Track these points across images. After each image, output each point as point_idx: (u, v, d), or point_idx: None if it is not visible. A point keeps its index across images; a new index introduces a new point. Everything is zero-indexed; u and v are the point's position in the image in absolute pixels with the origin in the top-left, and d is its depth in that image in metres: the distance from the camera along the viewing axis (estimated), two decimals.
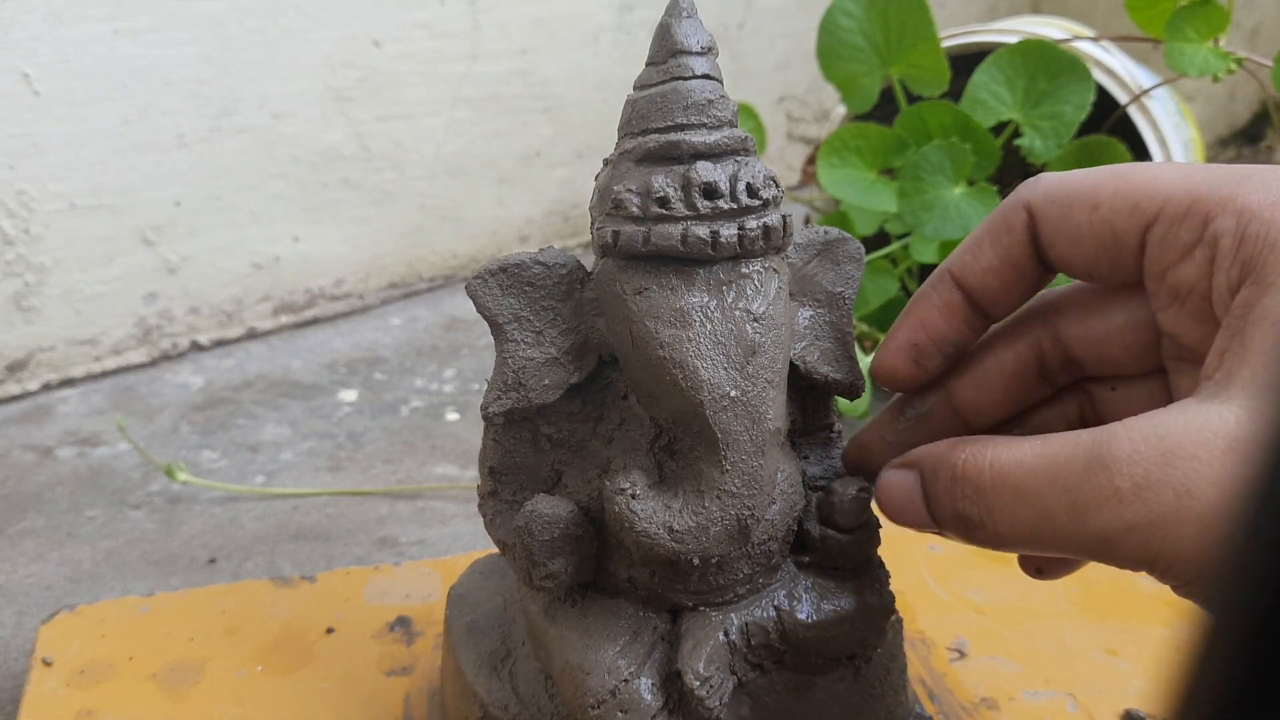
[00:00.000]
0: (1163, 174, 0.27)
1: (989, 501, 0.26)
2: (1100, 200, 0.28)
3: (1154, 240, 0.27)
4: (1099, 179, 0.28)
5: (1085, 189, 0.28)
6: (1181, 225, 0.26)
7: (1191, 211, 0.26)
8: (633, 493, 0.29)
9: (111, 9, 0.69)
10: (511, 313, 0.31)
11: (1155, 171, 0.27)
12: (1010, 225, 0.29)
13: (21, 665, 0.47)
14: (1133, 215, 0.27)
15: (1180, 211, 0.26)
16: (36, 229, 0.71)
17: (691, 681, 0.29)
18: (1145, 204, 0.27)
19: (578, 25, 0.90)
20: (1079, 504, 0.24)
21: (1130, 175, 0.27)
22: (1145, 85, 0.66)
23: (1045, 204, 0.29)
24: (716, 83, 0.30)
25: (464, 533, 0.57)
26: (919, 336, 0.31)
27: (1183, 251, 0.26)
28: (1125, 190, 0.27)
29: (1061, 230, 0.28)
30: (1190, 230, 0.26)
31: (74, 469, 0.64)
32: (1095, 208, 0.28)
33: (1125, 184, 0.27)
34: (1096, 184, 0.28)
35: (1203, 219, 0.26)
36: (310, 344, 0.82)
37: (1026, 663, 0.42)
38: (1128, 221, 0.27)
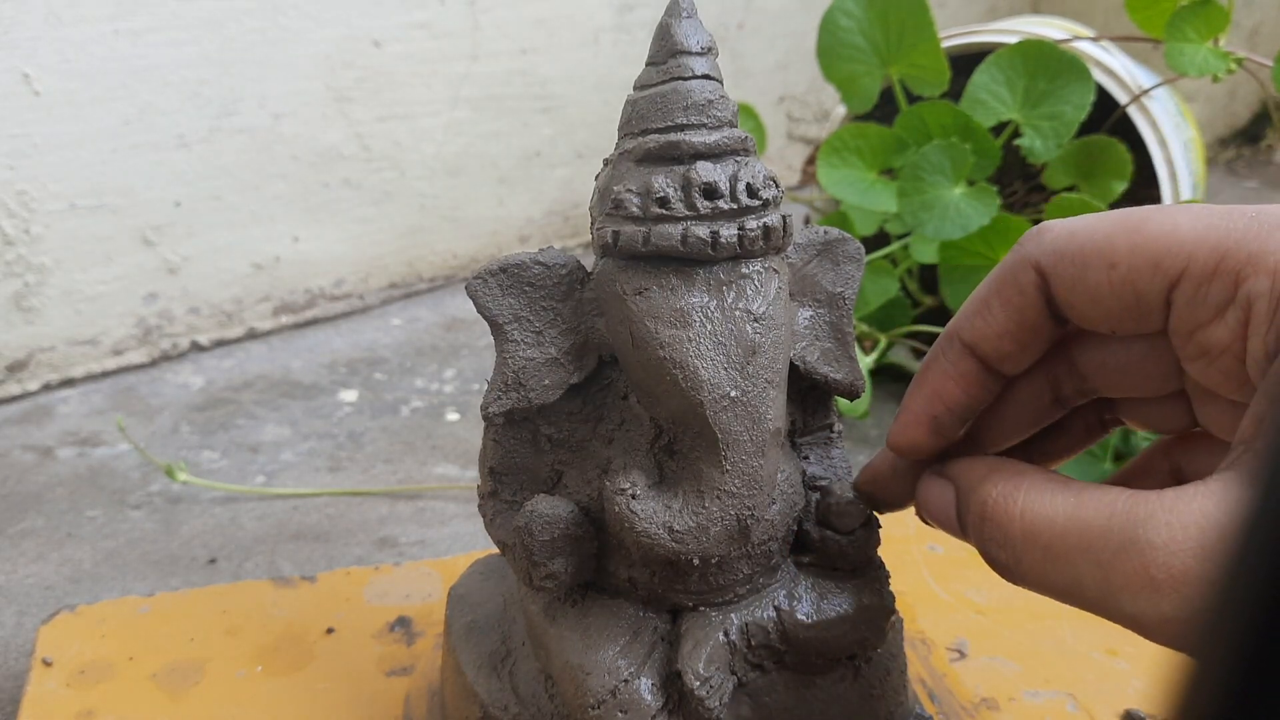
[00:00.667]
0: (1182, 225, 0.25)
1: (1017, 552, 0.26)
2: (1117, 259, 0.26)
3: (1181, 300, 0.26)
4: (1112, 234, 0.26)
5: (1098, 246, 0.26)
6: (1211, 285, 0.25)
7: (1220, 270, 0.25)
8: (633, 493, 0.29)
9: (111, 9, 0.69)
10: (511, 313, 0.31)
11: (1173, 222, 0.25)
12: (1020, 286, 0.28)
13: (21, 665, 0.47)
14: (1155, 274, 0.25)
15: (1207, 270, 0.25)
16: (37, 229, 0.71)
17: (691, 681, 0.29)
18: (1167, 261, 0.25)
19: (578, 25, 0.90)
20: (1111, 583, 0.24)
21: (1146, 228, 0.26)
22: (1145, 85, 0.66)
23: (1057, 262, 0.27)
24: (716, 83, 0.30)
25: (464, 533, 0.57)
26: (936, 408, 0.30)
27: (1214, 312, 0.25)
28: (1143, 246, 0.26)
29: (1078, 291, 0.27)
30: (1221, 290, 0.25)
31: (74, 469, 0.64)
32: (1113, 266, 0.26)
33: (1142, 239, 0.26)
34: (1110, 239, 0.26)
35: (1233, 278, 0.24)
36: (310, 344, 0.82)
37: (1026, 663, 0.42)
38: (1150, 281, 0.26)
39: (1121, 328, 0.28)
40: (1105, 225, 0.27)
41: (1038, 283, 0.28)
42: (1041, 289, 0.28)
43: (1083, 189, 0.65)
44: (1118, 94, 0.66)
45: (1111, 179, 0.63)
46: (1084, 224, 0.27)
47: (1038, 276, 0.28)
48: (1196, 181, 0.69)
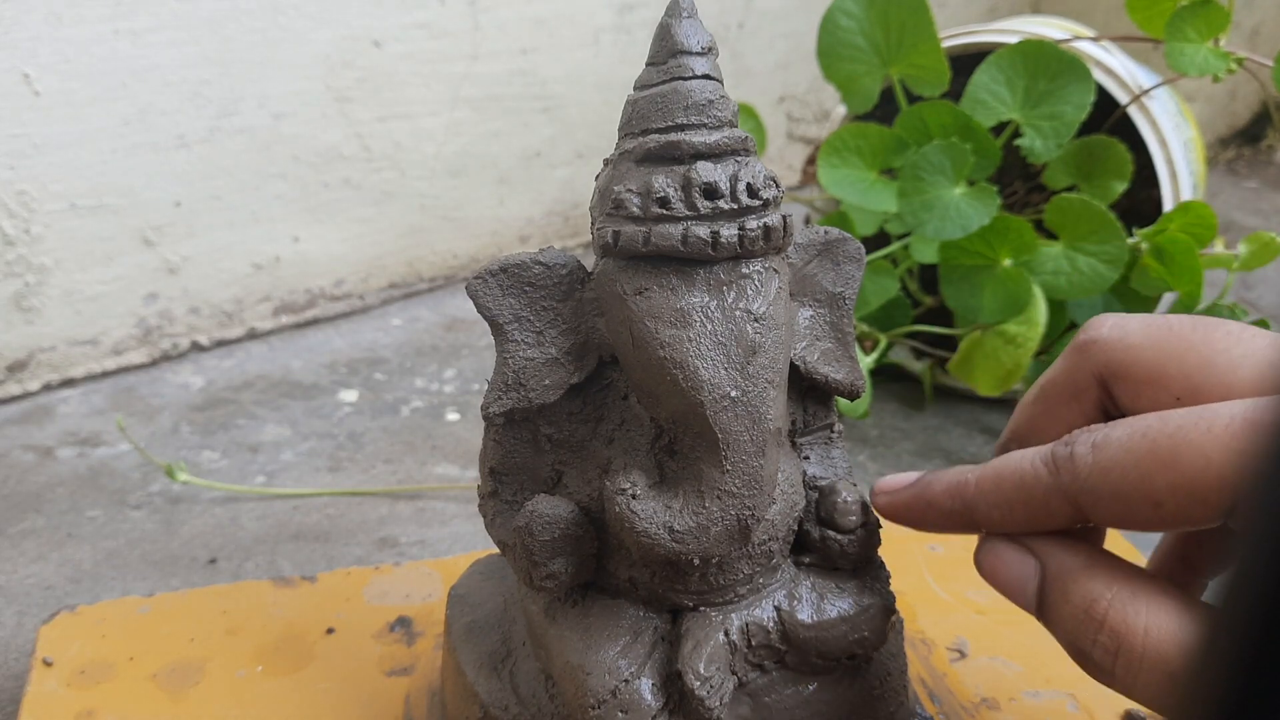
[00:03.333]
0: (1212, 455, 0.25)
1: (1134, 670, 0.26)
2: (1160, 499, 0.26)
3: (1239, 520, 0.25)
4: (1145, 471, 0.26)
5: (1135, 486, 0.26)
6: None
7: None
8: (633, 493, 0.29)
9: (111, 9, 0.69)
10: (512, 313, 0.31)
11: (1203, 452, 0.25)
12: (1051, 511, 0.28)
13: (21, 665, 0.47)
14: (1205, 507, 0.25)
15: None
16: (37, 229, 0.71)
17: (692, 681, 0.29)
18: (1213, 498, 0.25)
19: (578, 25, 0.90)
20: None
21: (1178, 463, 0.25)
22: (1145, 85, 0.66)
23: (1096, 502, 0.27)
24: (717, 83, 0.30)
25: (464, 533, 0.57)
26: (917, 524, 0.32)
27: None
28: (1184, 486, 0.25)
29: (1126, 522, 0.27)
30: None
31: (74, 469, 0.64)
32: (1158, 505, 0.26)
33: (1178, 476, 0.25)
34: (1147, 479, 0.26)
35: None
36: (310, 344, 0.82)
37: (1027, 663, 0.42)
38: (1203, 513, 0.25)
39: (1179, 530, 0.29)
40: (1135, 461, 0.26)
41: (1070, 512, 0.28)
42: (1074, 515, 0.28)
43: (1083, 189, 0.65)
44: (1118, 94, 0.66)
45: (1112, 179, 0.63)
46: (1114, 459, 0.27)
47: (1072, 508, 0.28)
48: (1197, 181, 0.69)
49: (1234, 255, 0.61)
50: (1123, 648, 0.26)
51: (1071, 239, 0.62)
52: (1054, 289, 0.63)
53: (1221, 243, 0.63)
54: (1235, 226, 1.03)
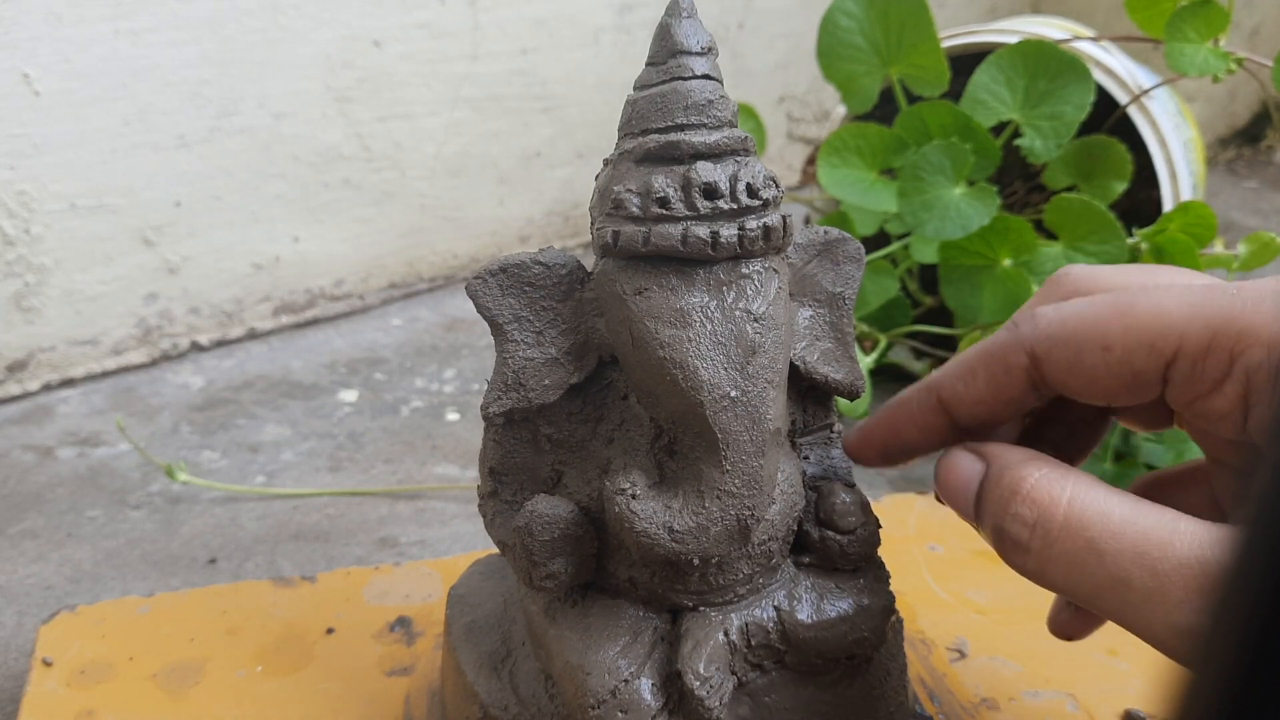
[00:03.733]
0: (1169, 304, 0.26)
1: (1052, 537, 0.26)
2: (1111, 342, 0.27)
3: (1178, 377, 0.27)
4: (1103, 317, 0.27)
5: (1092, 330, 0.27)
6: (1206, 362, 0.26)
7: (1214, 347, 0.26)
8: (633, 493, 0.29)
9: (111, 9, 0.69)
10: (511, 313, 0.31)
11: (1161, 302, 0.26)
12: (1008, 366, 0.29)
13: (21, 665, 0.47)
14: (1150, 354, 0.27)
15: (1201, 348, 0.26)
16: (37, 229, 0.71)
17: (691, 682, 0.29)
18: (1161, 342, 0.26)
19: (578, 25, 0.90)
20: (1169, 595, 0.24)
21: (1136, 310, 0.27)
22: (1145, 85, 0.66)
23: (1051, 347, 0.28)
24: (716, 83, 0.30)
25: (464, 533, 0.57)
26: (891, 440, 0.32)
27: (1212, 385, 0.26)
28: (1136, 329, 0.27)
29: (1074, 373, 0.28)
30: (1217, 366, 0.26)
31: (74, 469, 0.64)
32: (1107, 349, 0.27)
33: (1134, 320, 0.27)
34: (1102, 322, 0.27)
35: (1228, 354, 0.25)
36: (310, 344, 0.82)
37: (1026, 663, 0.42)
38: (1146, 361, 0.27)
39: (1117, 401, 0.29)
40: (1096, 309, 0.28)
41: (1026, 365, 0.29)
42: (1029, 371, 0.29)
43: (1083, 189, 0.65)
44: (1118, 94, 0.66)
45: (1111, 179, 0.63)
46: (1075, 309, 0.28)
47: (1028, 360, 0.29)
48: (1196, 182, 0.69)
49: (1234, 255, 0.61)
50: (1041, 517, 0.26)
51: (1071, 239, 0.62)
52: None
53: (1221, 243, 0.63)
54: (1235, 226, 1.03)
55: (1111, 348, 0.27)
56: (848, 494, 0.33)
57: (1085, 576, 0.25)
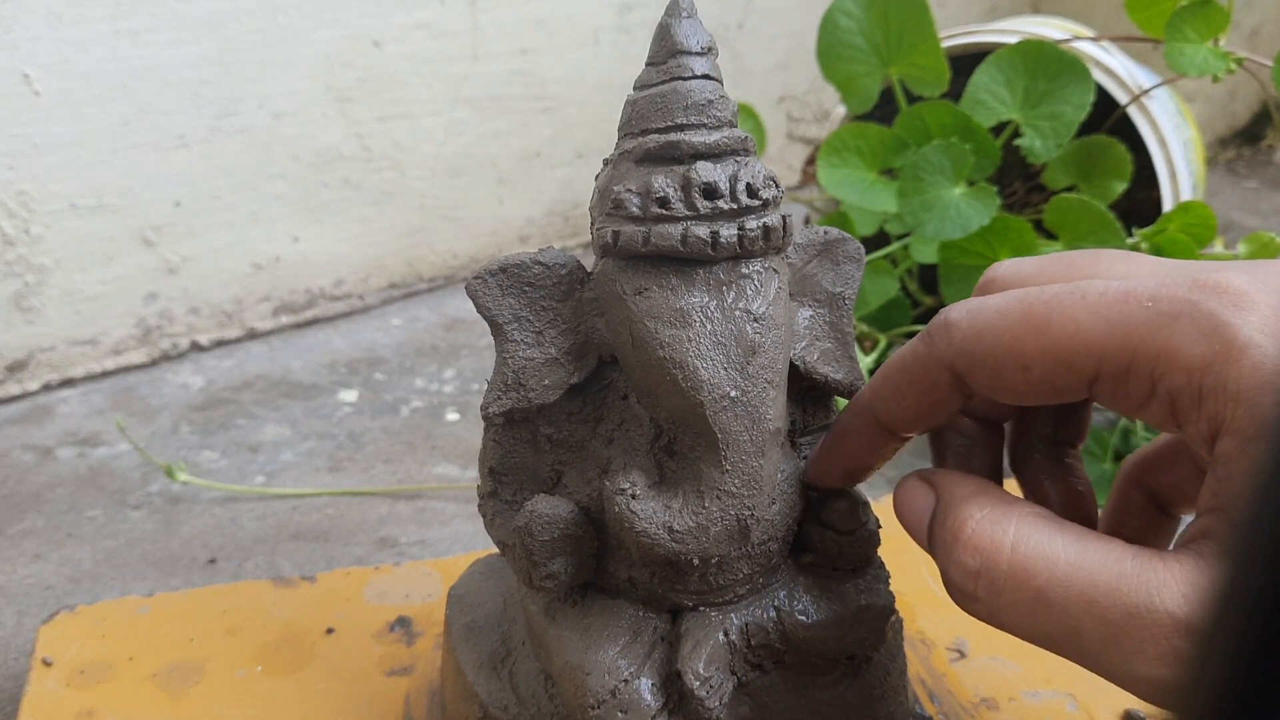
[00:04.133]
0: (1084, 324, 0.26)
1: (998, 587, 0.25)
2: (1029, 362, 0.26)
3: (1102, 393, 0.26)
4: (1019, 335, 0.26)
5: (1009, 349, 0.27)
6: (1127, 383, 0.25)
7: (1133, 369, 0.25)
8: (633, 493, 0.29)
9: (111, 9, 0.69)
10: (511, 313, 0.31)
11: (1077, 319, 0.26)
12: (934, 383, 0.29)
13: (21, 665, 0.47)
14: (1070, 374, 0.26)
15: (1120, 369, 0.25)
16: (36, 229, 0.71)
17: (691, 681, 0.29)
18: (1080, 363, 0.26)
19: (578, 25, 0.90)
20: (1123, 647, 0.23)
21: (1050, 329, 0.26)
22: (1145, 85, 0.66)
23: (970, 365, 0.28)
24: (716, 83, 0.30)
25: (464, 533, 0.57)
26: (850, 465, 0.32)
27: (1138, 404, 0.26)
28: (1052, 349, 0.26)
29: (997, 388, 0.27)
30: (1139, 388, 0.25)
31: (74, 469, 0.64)
32: (1027, 369, 0.26)
33: (1050, 340, 0.26)
34: (1018, 342, 0.26)
35: (1148, 376, 0.25)
36: (310, 344, 0.82)
37: (1026, 663, 0.42)
38: (1067, 379, 0.26)
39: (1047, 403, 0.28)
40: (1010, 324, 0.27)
41: (950, 379, 0.28)
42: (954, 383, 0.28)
43: (1083, 189, 0.65)
44: (1118, 94, 0.66)
45: (1111, 179, 0.63)
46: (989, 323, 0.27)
47: (950, 374, 0.28)
48: (1196, 181, 0.69)
49: (1233, 255, 0.61)
50: (986, 565, 0.26)
51: (1071, 239, 0.62)
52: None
53: (1221, 243, 0.63)
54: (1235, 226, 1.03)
55: (1031, 368, 0.26)
56: (847, 494, 0.33)
57: (1037, 626, 0.25)
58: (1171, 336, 0.24)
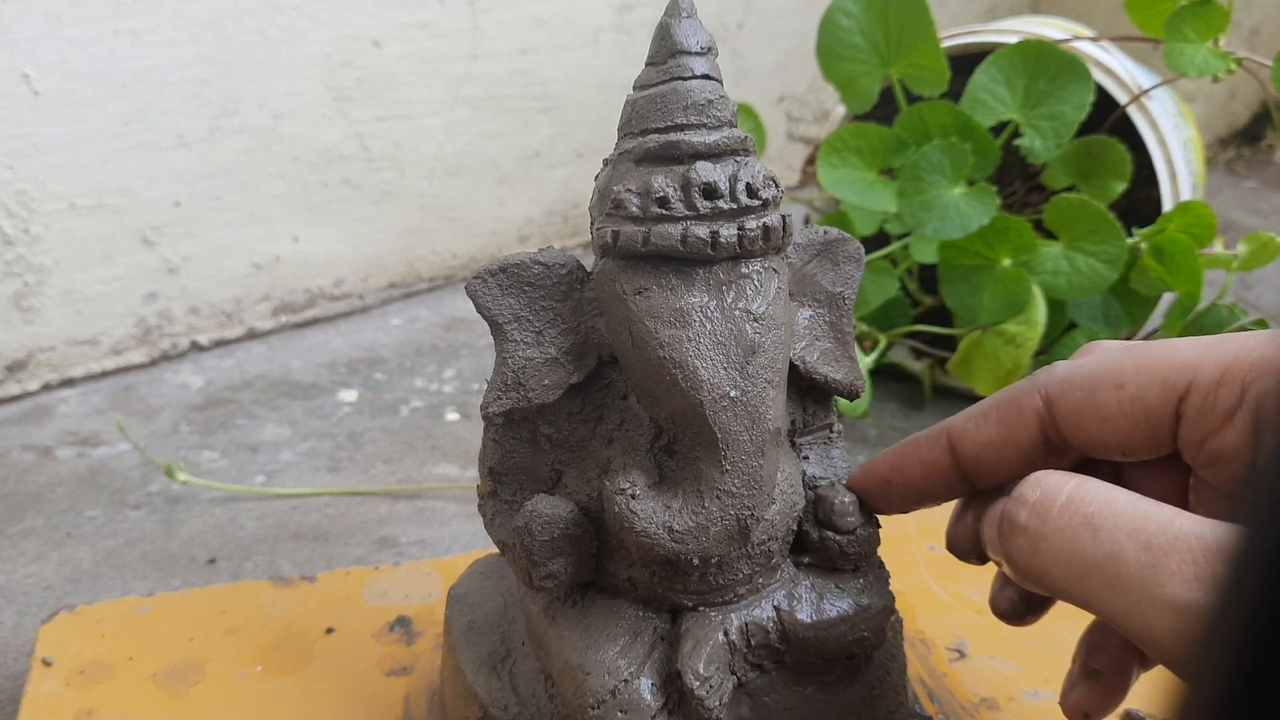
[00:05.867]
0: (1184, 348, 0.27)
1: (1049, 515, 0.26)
2: (1125, 379, 0.27)
3: (1190, 411, 0.27)
4: (1119, 359, 0.28)
5: (1106, 370, 0.28)
6: (1218, 393, 0.26)
7: (1226, 379, 0.26)
8: (633, 493, 0.29)
9: (111, 9, 0.69)
10: (511, 313, 0.31)
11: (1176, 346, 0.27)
12: (1021, 408, 0.29)
13: (21, 665, 0.47)
14: (1163, 390, 0.27)
15: (1214, 380, 0.26)
16: (36, 229, 0.71)
17: (691, 681, 0.29)
18: (1174, 378, 0.27)
19: (578, 25, 0.90)
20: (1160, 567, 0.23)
21: (1150, 352, 0.27)
22: (1145, 85, 0.66)
23: (1066, 388, 0.28)
24: (716, 83, 0.30)
25: (464, 533, 0.57)
26: (895, 478, 0.32)
27: (1222, 419, 0.26)
28: (1149, 367, 0.27)
29: (1088, 413, 0.28)
30: (1228, 397, 0.26)
31: (74, 469, 0.64)
32: (1121, 386, 0.27)
33: (1147, 361, 0.27)
34: (1117, 364, 0.28)
35: (1239, 384, 0.26)
36: (310, 344, 0.82)
37: (1026, 663, 0.42)
38: (1159, 397, 0.27)
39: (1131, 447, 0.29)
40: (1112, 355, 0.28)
41: (1039, 409, 0.29)
42: (1040, 415, 0.29)
43: (1083, 189, 0.65)
44: (1118, 94, 0.66)
45: (1111, 179, 0.63)
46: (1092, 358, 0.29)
47: (1042, 403, 0.29)
48: (1196, 181, 0.69)
49: (1233, 255, 0.61)
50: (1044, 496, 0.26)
51: (1071, 239, 0.62)
52: (1053, 289, 0.63)
53: (1221, 243, 0.63)
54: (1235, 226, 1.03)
55: (1125, 385, 0.27)
56: (848, 494, 0.33)
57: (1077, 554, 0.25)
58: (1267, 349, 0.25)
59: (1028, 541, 0.26)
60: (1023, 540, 0.26)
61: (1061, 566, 0.26)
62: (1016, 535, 0.27)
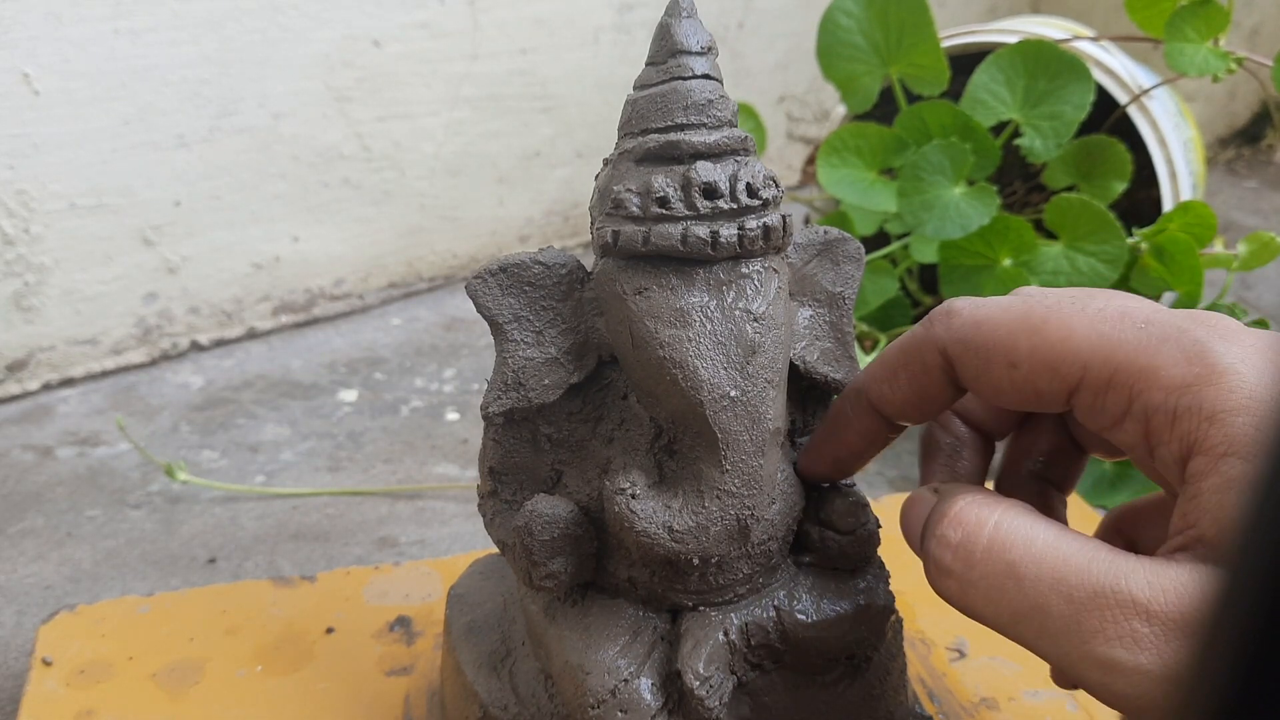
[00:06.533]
0: (1077, 333, 0.26)
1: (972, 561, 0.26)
2: (1018, 359, 0.27)
3: (1081, 405, 0.27)
4: (1014, 331, 0.27)
5: (1001, 343, 0.27)
6: (1106, 397, 0.26)
7: (1114, 383, 0.26)
8: (633, 493, 0.29)
9: (111, 9, 0.69)
10: (511, 313, 0.31)
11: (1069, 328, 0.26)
12: (925, 365, 0.29)
13: (21, 665, 0.47)
14: (1054, 378, 0.27)
15: (1102, 382, 0.26)
16: (36, 229, 0.71)
17: (691, 681, 0.29)
18: (1064, 369, 0.26)
19: (578, 25, 0.90)
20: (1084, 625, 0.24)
21: (1045, 331, 0.27)
22: (1145, 85, 0.66)
23: (961, 352, 0.28)
24: (716, 83, 0.30)
25: (464, 533, 0.57)
26: (841, 452, 0.32)
27: (1113, 420, 0.26)
28: (1042, 350, 0.27)
29: (982, 380, 0.28)
30: (1116, 403, 0.26)
31: (74, 469, 0.64)
32: (1014, 366, 0.27)
33: (1041, 342, 0.27)
34: (1011, 338, 0.27)
35: (1127, 393, 0.26)
36: (310, 344, 0.82)
37: (1026, 663, 0.42)
38: (1049, 384, 0.27)
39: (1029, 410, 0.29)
40: (1009, 320, 0.28)
41: (942, 364, 0.29)
42: (945, 368, 0.29)
43: (1083, 189, 0.65)
44: (1118, 94, 0.66)
45: (1111, 179, 0.63)
46: (989, 315, 0.28)
47: (943, 359, 0.29)
48: (1196, 181, 0.69)
49: (1233, 255, 0.61)
50: (965, 539, 0.26)
51: (1071, 239, 0.62)
52: None
53: (1221, 242, 0.63)
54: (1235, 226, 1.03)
55: (1018, 365, 0.27)
56: (847, 494, 0.33)
57: (1004, 602, 0.25)
58: (1156, 356, 0.25)
59: (956, 586, 0.27)
60: (951, 584, 0.27)
61: (993, 612, 0.26)
62: (945, 579, 0.27)
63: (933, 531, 0.27)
